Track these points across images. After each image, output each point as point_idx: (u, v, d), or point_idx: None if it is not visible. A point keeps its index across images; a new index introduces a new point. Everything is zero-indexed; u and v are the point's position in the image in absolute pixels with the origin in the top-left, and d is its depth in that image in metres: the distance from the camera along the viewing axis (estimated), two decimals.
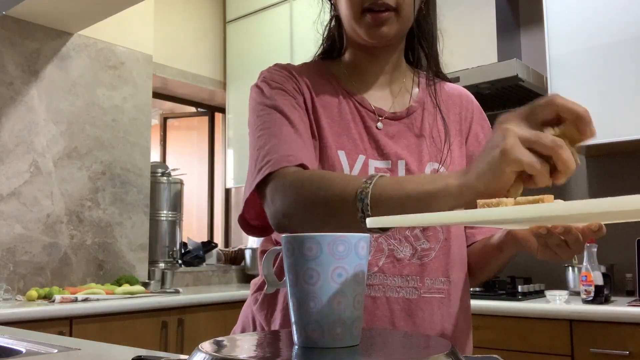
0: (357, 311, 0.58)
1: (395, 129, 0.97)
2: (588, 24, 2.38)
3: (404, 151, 0.95)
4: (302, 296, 0.58)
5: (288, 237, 0.59)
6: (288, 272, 0.60)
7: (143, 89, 3.28)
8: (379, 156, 0.94)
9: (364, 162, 0.93)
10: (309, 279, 0.57)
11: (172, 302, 2.68)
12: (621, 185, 2.60)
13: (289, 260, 0.59)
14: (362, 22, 0.93)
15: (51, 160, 2.86)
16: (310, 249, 0.57)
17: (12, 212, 2.70)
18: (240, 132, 3.71)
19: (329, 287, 0.57)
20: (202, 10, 3.86)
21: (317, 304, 0.57)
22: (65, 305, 2.36)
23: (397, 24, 0.93)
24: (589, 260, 2.16)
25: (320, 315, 0.57)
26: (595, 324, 2.01)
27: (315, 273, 0.57)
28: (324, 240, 0.57)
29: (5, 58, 2.74)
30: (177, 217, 3.43)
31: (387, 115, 0.98)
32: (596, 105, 2.34)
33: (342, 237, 0.58)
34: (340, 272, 0.57)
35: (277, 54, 3.52)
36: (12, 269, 2.67)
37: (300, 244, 0.58)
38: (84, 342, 1.11)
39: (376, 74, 1.02)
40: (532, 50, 2.87)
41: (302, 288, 0.58)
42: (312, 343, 0.57)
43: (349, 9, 0.93)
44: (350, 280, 0.58)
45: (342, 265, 0.57)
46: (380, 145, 0.95)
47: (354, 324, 0.58)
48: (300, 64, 1.05)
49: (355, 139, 0.95)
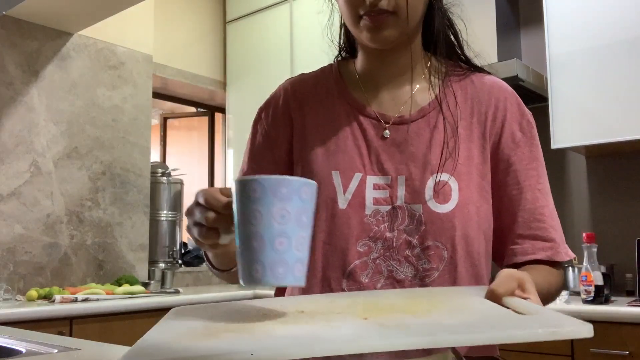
0: (299, 252, 0.61)
1: (402, 136, 0.92)
2: (588, 24, 2.38)
3: (407, 163, 0.90)
4: (246, 236, 0.60)
5: (235, 181, 0.61)
6: (236, 214, 0.61)
7: (143, 89, 3.28)
8: (378, 171, 0.90)
9: (361, 179, 0.90)
10: (253, 219, 0.59)
11: (172, 302, 2.68)
12: (621, 185, 2.60)
13: (237, 203, 0.61)
14: (360, 27, 0.88)
15: (51, 160, 2.86)
16: (255, 191, 0.59)
17: (12, 212, 2.70)
18: (240, 132, 3.71)
19: (271, 228, 0.59)
20: (202, 10, 3.85)
21: (260, 244, 0.59)
22: (65, 305, 2.36)
23: (398, 27, 0.88)
24: (589, 260, 2.16)
25: (264, 254, 0.59)
26: (595, 324, 2.00)
27: (259, 214, 0.59)
28: (268, 183, 0.59)
29: (5, 58, 2.74)
30: (177, 217, 3.43)
31: (394, 121, 0.93)
32: (596, 105, 2.34)
33: (285, 179, 0.60)
34: (283, 213, 0.59)
35: (277, 54, 3.53)
36: (12, 269, 2.67)
37: (245, 186, 0.60)
38: (84, 342, 1.11)
39: (387, 76, 0.96)
40: (532, 50, 2.87)
41: (246, 228, 0.60)
42: (255, 281, 0.60)
43: (347, 15, 0.90)
44: (292, 222, 0.60)
45: (285, 207, 0.59)
46: (380, 159, 0.91)
47: (295, 265, 0.60)
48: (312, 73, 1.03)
49: (353, 156, 0.91)
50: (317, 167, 0.92)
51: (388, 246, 0.88)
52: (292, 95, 0.99)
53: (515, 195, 0.90)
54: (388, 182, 0.89)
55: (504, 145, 0.92)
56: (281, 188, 0.59)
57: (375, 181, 0.90)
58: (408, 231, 0.87)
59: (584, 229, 2.56)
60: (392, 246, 0.87)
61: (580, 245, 2.24)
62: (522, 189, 0.90)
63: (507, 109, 0.93)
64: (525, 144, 0.92)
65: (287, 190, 0.59)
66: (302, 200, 0.61)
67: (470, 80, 0.96)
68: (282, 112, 0.99)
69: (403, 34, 0.89)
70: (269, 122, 1.00)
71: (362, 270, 0.88)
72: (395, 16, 0.86)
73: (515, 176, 0.90)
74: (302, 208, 0.61)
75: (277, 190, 0.59)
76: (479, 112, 0.93)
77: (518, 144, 0.92)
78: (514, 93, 0.96)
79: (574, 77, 2.40)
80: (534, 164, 0.91)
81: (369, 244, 0.88)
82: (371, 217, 0.88)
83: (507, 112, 0.93)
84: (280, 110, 0.99)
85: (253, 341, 0.54)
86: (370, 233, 0.88)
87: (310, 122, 0.96)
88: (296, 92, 1.00)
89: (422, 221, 0.87)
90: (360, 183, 0.90)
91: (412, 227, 0.87)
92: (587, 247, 2.17)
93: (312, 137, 0.95)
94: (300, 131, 0.96)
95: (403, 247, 0.87)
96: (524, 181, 0.90)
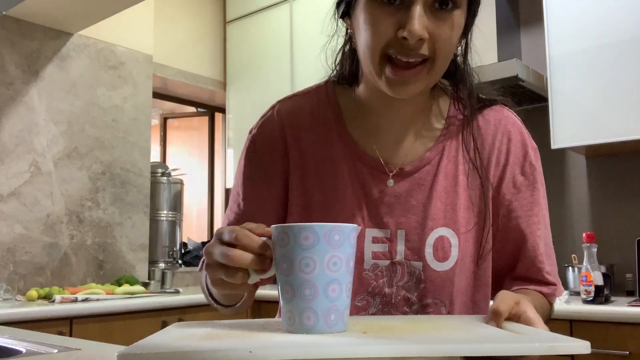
0: (348, 299, 0.61)
1: (403, 187, 0.86)
2: (588, 24, 2.38)
3: (407, 216, 0.85)
4: (297, 284, 0.59)
5: (282, 227, 0.61)
6: (281, 261, 0.61)
7: (143, 89, 3.28)
8: (377, 224, 0.86)
9: (360, 233, 0.82)
10: (305, 267, 0.59)
11: (172, 302, 2.68)
12: (621, 185, 2.60)
13: (283, 249, 0.60)
14: (382, 73, 0.77)
15: (51, 160, 2.86)
16: (307, 238, 0.59)
17: (12, 212, 2.70)
18: (240, 132, 3.71)
19: (324, 275, 0.59)
20: (202, 10, 3.85)
21: (313, 292, 0.59)
22: (65, 305, 2.36)
23: (429, 78, 0.78)
24: (589, 260, 2.16)
25: (317, 302, 0.59)
26: (595, 324, 2.00)
27: (312, 261, 0.59)
28: (321, 230, 0.59)
29: (5, 58, 2.74)
30: (177, 217, 3.43)
31: (396, 172, 0.86)
32: (596, 105, 2.34)
33: (338, 227, 0.60)
34: (336, 260, 0.59)
35: (277, 54, 3.52)
36: (12, 269, 2.67)
37: (297, 234, 0.59)
38: (84, 342, 1.11)
39: (392, 119, 0.88)
40: (532, 50, 2.86)
41: (297, 276, 0.59)
42: (305, 330, 0.59)
43: (367, 51, 0.77)
44: (343, 269, 0.60)
45: (337, 254, 0.59)
46: (379, 212, 0.86)
47: (345, 311, 0.61)
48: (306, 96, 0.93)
49: (352, 208, 0.86)
50: (316, 218, 0.88)
51: (387, 302, 0.85)
52: (288, 125, 0.91)
53: (518, 241, 0.88)
54: (387, 236, 0.86)
55: (505, 190, 0.88)
56: (334, 235, 0.59)
57: (375, 234, 0.86)
58: (407, 288, 0.85)
59: (584, 229, 2.56)
60: (390, 302, 0.85)
61: (580, 245, 2.24)
62: (524, 237, 0.88)
63: (509, 152, 0.88)
64: (527, 187, 0.89)
65: (340, 237, 0.60)
66: (351, 246, 0.61)
67: (476, 122, 0.89)
68: (278, 144, 0.91)
69: (432, 84, 0.81)
70: (263, 152, 0.91)
71: None
72: (427, 66, 0.76)
73: (517, 224, 0.88)
74: (351, 254, 0.61)
75: (330, 238, 0.59)
76: (484, 154, 0.88)
77: (519, 189, 0.88)
78: (518, 129, 0.90)
79: (574, 77, 2.40)
80: (536, 209, 0.89)
81: (367, 299, 0.86)
82: (370, 271, 0.86)
83: (509, 155, 0.88)
84: (276, 142, 0.91)
85: (253, 341, 0.54)
86: (369, 288, 0.86)
87: (309, 162, 0.89)
88: (291, 121, 0.91)
89: (421, 279, 0.84)
90: (359, 237, 0.86)
91: (412, 284, 0.85)
92: (587, 247, 2.17)
93: (311, 181, 0.89)
94: (299, 170, 0.89)
95: (401, 303, 0.85)
96: (525, 229, 0.88)
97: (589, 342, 0.50)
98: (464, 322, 0.68)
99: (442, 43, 0.75)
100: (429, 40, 0.74)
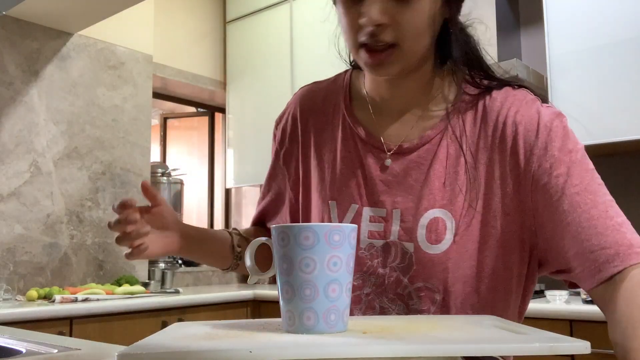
0: (348, 299, 0.61)
1: (401, 166, 0.86)
2: (588, 24, 2.38)
3: (403, 196, 0.84)
4: (297, 284, 0.59)
5: (282, 227, 0.61)
6: (281, 261, 0.61)
7: (143, 89, 3.28)
8: (374, 203, 0.86)
9: (357, 212, 0.87)
10: (305, 267, 0.59)
11: (172, 302, 2.68)
12: (621, 185, 2.60)
13: (283, 249, 0.60)
14: (360, 57, 0.81)
15: (51, 160, 2.86)
16: (307, 238, 0.59)
17: (12, 212, 2.70)
18: (240, 132, 3.71)
19: (325, 275, 0.59)
20: (202, 10, 3.85)
21: (313, 292, 0.59)
22: (65, 305, 2.36)
23: (401, 60, 0.80)
24: None
25: (317, 302, 0.59)
26: (595, 324, 2.00)
27: (312, 261, 0.59)
28: (321, 230, 0.59)
29: (5, 58, 2.74)
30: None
31: (396, 150, 0.86)
32: (596, 105, 2.34)
33: (338, 227, 0.60)
34: (336, 260, 0.59)
35: (277, 54, 3.53)
36: (12, 269, 2.67)
37: (297, 234, 0.59)
38: (84, 342, 1.11)
39: (394, 99, 0.89)
40: (532, 50, 2.87)
41: (297, 276, 0.59)
42: (305, 330, 0.59)
43: (347, 39, 0.83)
44: (343, 269, 0.60)
45: (337, 254, 0.59)
46: (377, 191, 0.86)
47: (345, 311, 0.61)
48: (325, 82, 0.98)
49: (351, 187, 0.88)
50: (315, 195, 0.91)
51: (380, 283, 0.85)
52: (301, 110, 0.97)
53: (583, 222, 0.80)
54: (383, 215, 0.85)
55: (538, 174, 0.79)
56: (334, 235, 0.59)
57: (371, 213, 0.86)
58: (400, 269, 0.83)
59: None
60: (383, 283, 0.84)
61: None
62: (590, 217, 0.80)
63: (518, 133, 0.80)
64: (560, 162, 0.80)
65: (340, 237, 0.60)
66: (351, 246, 0.61)
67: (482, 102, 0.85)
68: (291, 130, 0.98)
69: (407, 64, 0.82)
70: (281, 138, 1.00)
71: (355, 305, 0.86)
72: (397, 49, 0.78)
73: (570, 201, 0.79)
74: (351, 254, 0.61)
75: (330, 238, 0.59)
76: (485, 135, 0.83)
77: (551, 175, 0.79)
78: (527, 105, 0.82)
79: (574, 77, 2.40)
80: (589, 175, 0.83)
81: (363, 278, 0.86)
82: (365, 250, 0.85)
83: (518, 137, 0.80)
84: (289, 128, 0.98)
85: (252, 341, 0.54)
86: (364, 267, 0.85)
87: (314, 141, 0.94)
88: (304, 105, 0.97)
89: (412, 261, 0.82)
90: (356, 215, 0.87)
91: (404, 266, 0.83)
92: None
93: (313, 160, 0.93)
94: (305, 151, 0.95)
95: (394, 285, 0.84)
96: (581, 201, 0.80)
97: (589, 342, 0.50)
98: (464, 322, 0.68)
99: (405, 28, 0.77)
100: (393, 27, 0.77)
